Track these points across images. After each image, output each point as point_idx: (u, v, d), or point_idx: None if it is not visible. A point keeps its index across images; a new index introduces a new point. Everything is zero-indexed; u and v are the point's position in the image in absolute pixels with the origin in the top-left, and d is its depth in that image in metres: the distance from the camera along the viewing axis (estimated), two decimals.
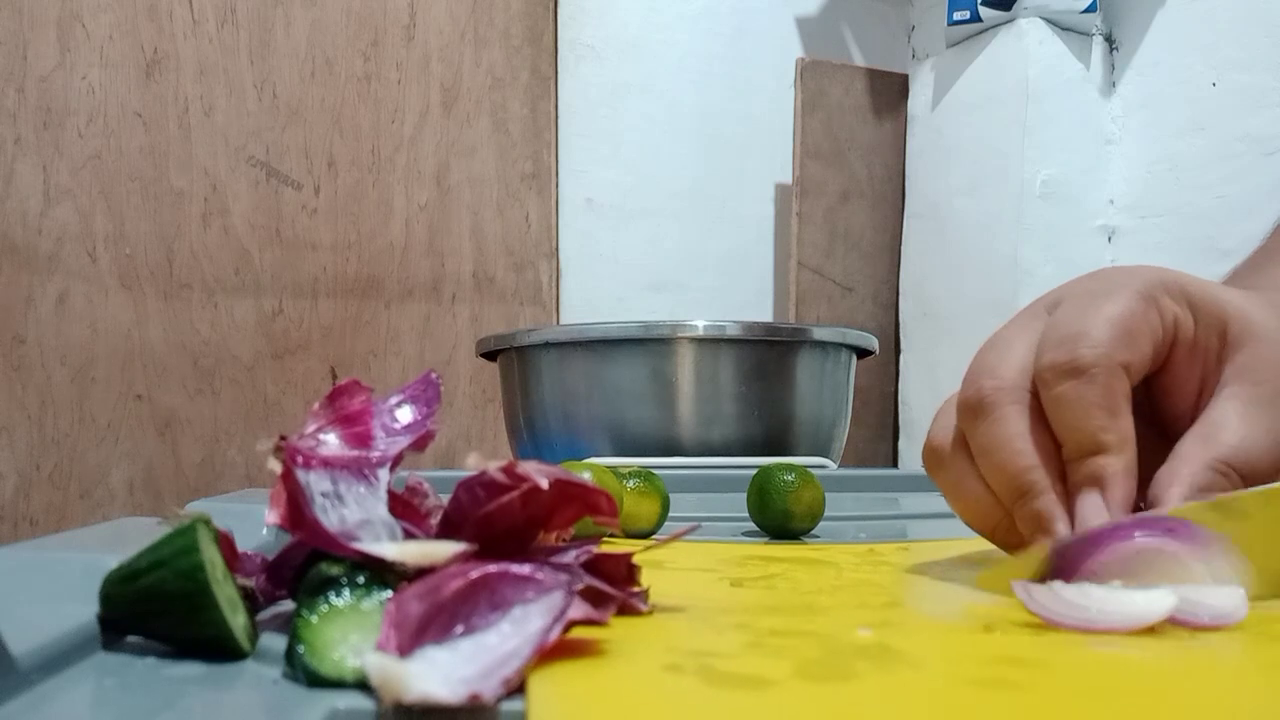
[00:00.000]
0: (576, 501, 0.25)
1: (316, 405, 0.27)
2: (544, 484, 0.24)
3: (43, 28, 1.55)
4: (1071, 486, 0.31)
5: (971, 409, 0.33)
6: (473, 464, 0.24)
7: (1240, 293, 0.35)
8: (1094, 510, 0.30)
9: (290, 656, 0.21)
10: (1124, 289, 0.32)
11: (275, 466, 0.24)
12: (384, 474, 0.26)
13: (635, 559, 0.28)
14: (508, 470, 0.24)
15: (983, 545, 0.36)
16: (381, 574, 0.22)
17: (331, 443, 0.26)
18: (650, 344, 0.88)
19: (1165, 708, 0.19)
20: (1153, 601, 0.25)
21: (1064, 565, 0.28)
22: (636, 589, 0.27)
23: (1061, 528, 0.31)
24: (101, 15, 1.58)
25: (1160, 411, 0.35)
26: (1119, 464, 0.31)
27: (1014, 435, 0.32)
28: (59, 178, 1.56)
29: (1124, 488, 0.30)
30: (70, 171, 1.57)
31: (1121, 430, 0.31)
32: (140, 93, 1.61)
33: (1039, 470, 0.32)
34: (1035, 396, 0.32)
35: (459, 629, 0.20)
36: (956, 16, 1.64)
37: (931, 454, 0.36)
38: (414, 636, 0.20)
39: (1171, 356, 0.33)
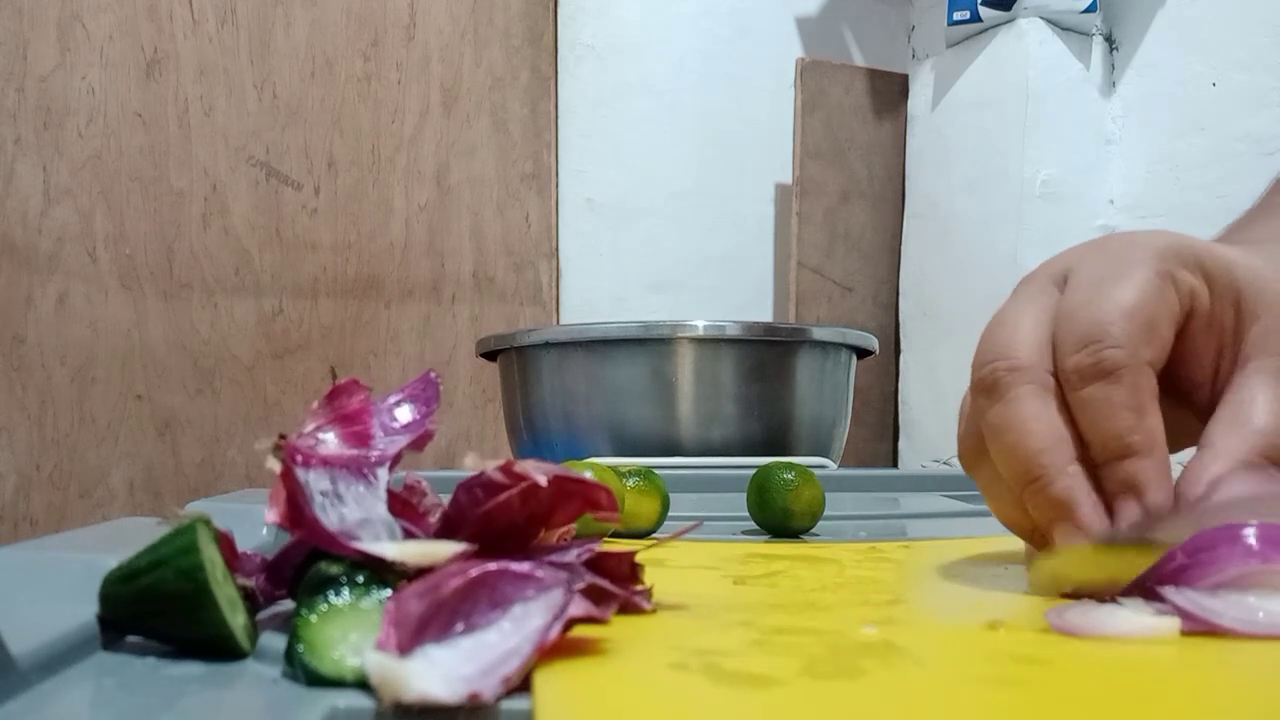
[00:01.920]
0: (576, 498, 0.25)
1: (315, 404, 0.27)
2: (542, 481, 0.24)
3: (43, 28, 1.55)
4: (1108, 493, 0.30)
5: (985, 390, 0.32)
6: (470, 464, 0.24)
7: (1246, 254, 0.34)
8: (1134, 520, 0.29)
9: (290, 655, 0.21)
10: (1138, 266, 0.31)
11: (274, 465, 0.24)
12: (383, 473, 0.25)
13: (637, 557, 0.28)
14: (506, 469, 0.24)
15: (986, 544, 0.36)
16: (381, 573, 0.22)
17: (330, 442, 0.26)
18: (650, 344, 0.88)
19: (1172, 706, 0.19)
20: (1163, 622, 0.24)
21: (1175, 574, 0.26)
22: (640, 587, 0.27)
23: (1087, 512, 0.30)
24: (101, 15, 1.58)
25: (1176, 380, 0.34)
26: (1152, 467, 0.30)
27: (1027, 416, 0.31)
28: (59, 178, 1.56)
29: (1162, 490, 0.30)
30: (70, 171, 1.57)
31: (1149, 430, 0.30)
32: (140, 93, 1.60)
33: (1052, 453, 0.30)
34: (1052, 377, 0.31)
35: (459, 627, 0.20)
36: (956, 16, 1.64)
37: (967, 452, 0.34)
38: (414, 635, 0.20)
39: (1187, 327, 0.32)
